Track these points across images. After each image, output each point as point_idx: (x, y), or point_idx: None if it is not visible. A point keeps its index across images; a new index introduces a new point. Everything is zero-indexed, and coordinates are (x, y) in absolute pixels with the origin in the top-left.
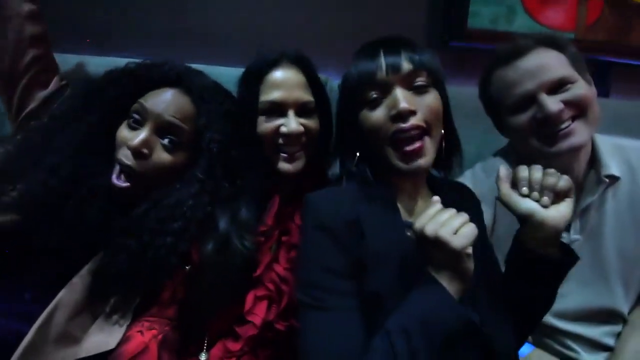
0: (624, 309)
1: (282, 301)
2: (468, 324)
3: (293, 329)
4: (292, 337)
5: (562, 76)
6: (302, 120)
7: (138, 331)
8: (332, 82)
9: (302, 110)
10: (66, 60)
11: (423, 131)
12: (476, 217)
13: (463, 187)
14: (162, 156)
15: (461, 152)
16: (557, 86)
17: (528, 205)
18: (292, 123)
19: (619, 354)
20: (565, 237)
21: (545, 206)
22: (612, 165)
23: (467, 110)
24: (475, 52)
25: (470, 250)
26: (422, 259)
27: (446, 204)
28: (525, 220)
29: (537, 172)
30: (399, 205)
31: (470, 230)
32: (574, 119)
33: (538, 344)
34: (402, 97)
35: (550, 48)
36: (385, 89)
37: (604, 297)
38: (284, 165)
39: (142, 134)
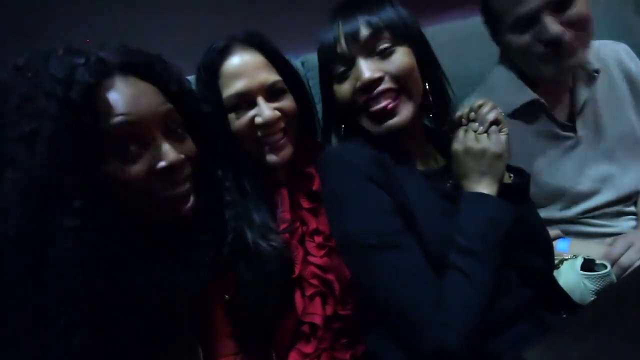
0: None
1: (334, 290)
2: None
3: (357, 308)
4: (360, 316)
5: None
6: (275, 104)
7: None
8: (294, 60)
9: (271, 93)
10: None
11: (396, 91)
12: None
13: None
14: (187, 147)
15: (451, 102)
16: (562, 7)
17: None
18: (265, 111)
19: None
20: (573, 137)
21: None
22: (593, 62)
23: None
24: None
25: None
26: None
27: (446, 154)
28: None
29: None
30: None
31: (501, 135)
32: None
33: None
34: (365, 68)
35: None
36: (349, 61)
37: (626, 182)
38: (271, 158)
39: (165, 147)
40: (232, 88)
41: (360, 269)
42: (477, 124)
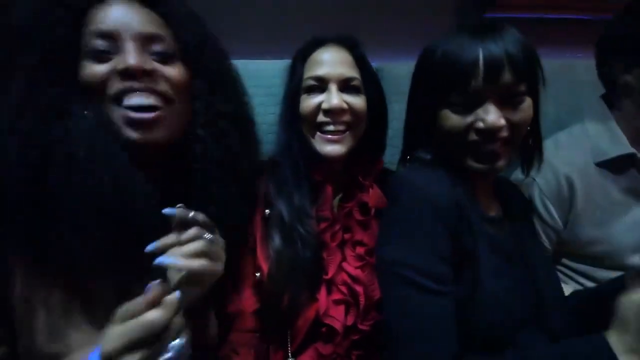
0: None
1: (359, 304)
2: None
3: (377, 327)
4: (377, 335)
5: None
6: (346, 97)
7: (231, 349)
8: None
9: (345, 86)
10: None
11: (508, 138)
12: (524, 215)
13: (514, 185)
14: (165, 69)
15: (542, 149)
16: None
17: None
18: (333, 98)
19: None
20: None
21: None
22: None
23: None
24: (512, 22)
25: None
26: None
27: (507, 201)
28: None
29: None
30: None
31: None
32: None
33: None
34: (494, 114)
35: None
36: (478, 99)
37: None
38: (325, 148)
39: (129, 52)
40: (312, 72)
41: (389, 297)
42: None
